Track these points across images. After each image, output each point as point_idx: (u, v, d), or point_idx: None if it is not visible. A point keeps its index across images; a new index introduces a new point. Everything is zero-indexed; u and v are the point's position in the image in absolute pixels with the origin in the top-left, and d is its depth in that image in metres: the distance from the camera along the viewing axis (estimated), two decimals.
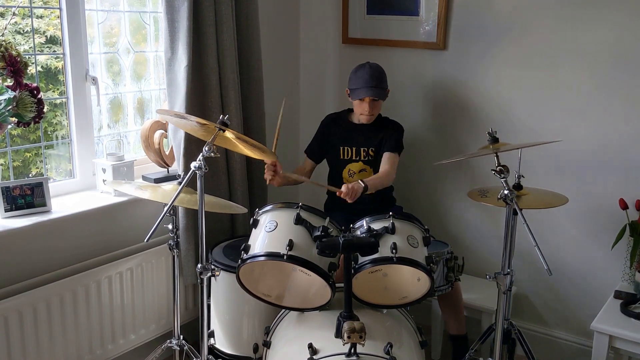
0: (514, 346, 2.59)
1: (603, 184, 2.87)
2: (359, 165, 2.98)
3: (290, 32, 3.63)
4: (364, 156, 2.97)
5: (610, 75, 2.78)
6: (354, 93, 2.87)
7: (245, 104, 3.09)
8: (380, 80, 2.88)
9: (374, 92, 2.84)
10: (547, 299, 3.12)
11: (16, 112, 2.06)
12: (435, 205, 3.36)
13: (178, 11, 2.71)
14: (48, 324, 2.43)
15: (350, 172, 2.98)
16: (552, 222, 3.00)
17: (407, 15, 3.25)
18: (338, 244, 1.94)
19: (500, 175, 2.19)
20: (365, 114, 2.89)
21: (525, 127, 3.01)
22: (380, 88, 2.87)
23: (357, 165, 2.98)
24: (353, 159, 2.98)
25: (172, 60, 2.77)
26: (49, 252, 2.49)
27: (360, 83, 2.85)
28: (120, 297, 2.70)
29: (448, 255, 2.62)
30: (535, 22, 2.91)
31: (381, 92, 2.87)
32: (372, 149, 2.96)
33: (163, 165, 2.93)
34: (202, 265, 2.21)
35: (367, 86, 2.84)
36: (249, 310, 2.65)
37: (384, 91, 2.90)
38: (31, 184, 2.47)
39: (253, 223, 2.22)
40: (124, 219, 2.75)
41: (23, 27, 2.55)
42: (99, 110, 2.85)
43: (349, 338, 1.83)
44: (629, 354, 2.57)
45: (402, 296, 2.24)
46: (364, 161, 2.97)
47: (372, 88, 2.83)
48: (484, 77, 3.10)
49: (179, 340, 2.61)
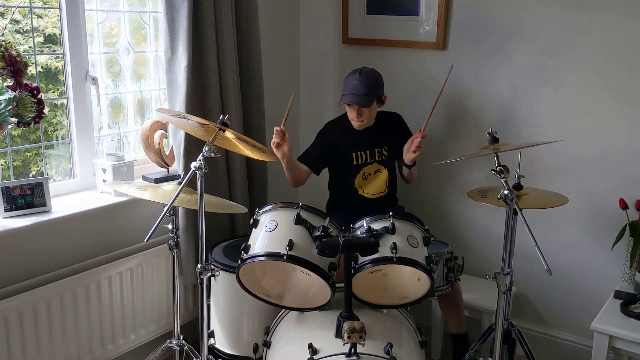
0: (514, 346, 2.59)
1: (603, 184, 2.87)
2: (374, 166, 2.96)
3: (290, 32, 3.63)
4: (378, 156, 2.95)
5: (610, 75, 2.78)
6: (342, 98, 2.85)
7: (245, 104, 3.09)
8: (371, 88, 2.80)
9: (357, 99, 2.77)
10: (547, 299, 3.12)
11: (16, 112, 2.06)
12: (435, 205, 3.36)
13: (178, 11, 2.71)
14: (48, 324, 2.43)
15: (365, 174, 2.96)
16: (552, 222, 3.00)
17: (407, 15, 3.25)
18: (338, 244, 1.94)
19: (500, 176, 2.19)
20: (354, 120, 2.85)
21: (525, 127, 3.01)
22: (369, 95, 2.79)
23: (372, 166, 2.96)
24: (368, 161, 2.95)
25: (172, 60, 2.77)
26: (49, 252, 2.49)
27: (347, 89, 2.82)
28: (120, 297, 2.70)
29: (448, 255, 2.62)
30: (535, 22, 2.92)
31: (367, 99, 2.78)
32: (385, 148, 2.95)
33: (163, 165, 2.93)
34: (202, 265, 2.21)
35: (352, 93, 2.79)
36: (249, 310, 2.65)
37: (372, 98, 2.81)
38: (31, 184, 2.47)
39: (253, 223, 2.22)
40: (124, 219, 2.75)
41: (23, 26, 2.55)
42: (99, 110, 2.85)
43: (349, 338, 1.83)
44: (629, 354, 2.57)
45: (402, 296, 2.24)
46: (378, 162, 2.96)
47: (358, 95, 2.77)
48: (484, 77, 3.10)
49: (179, 340, 2.61)
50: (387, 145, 2.96)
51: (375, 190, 2.97)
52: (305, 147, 3.06)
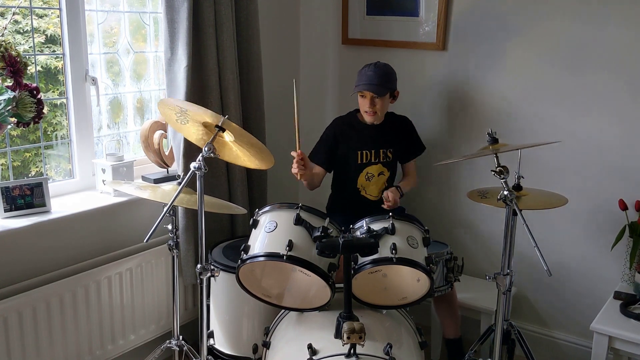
0: (513, 347, 2.59)
1: (603, 185, 2.87)
2: (378, 167, 2.96)
3: (290, 32, 3.63)
4: (383, 157, 2.95)
5: (610, 75, 2.78)
6: (355, 87, 2.87)
7: (245, 104, 3.09)
8: (384, 80, 2.83)
9: (372, 87, 2.81)
10: (546, 299, 3.12)
11: (16, 112, 2.05)
12: (435, 205, 3.36)
13: (178, 12, 2.71)
14: (48, 324, 2.43)
15: (368, 175, 2.95)
16: (552, 223, 3.00)
17: (407, 16, 3.25)
18: (338, 245, 1.94)
19: (500, 176, 2.19)
20: (367, 110, 2.86)
21: (524, 128, 3.01)
22: (382, 86, 2.82)
23: (376, 167, 2.96)
24: (372, 161, 2.95)
25: (172, 61, 2.77)
26: (48, 252, 2.49)
27: (362, 80, 2.85)
28: (119, 297, 2.70)
29: (448, 256, 2.62)
30: (535, 23, 2.92)
31: (381, 89, 2.82)
32: (390, 150, 2.96)
33: (163, 165, 2.93)
34: (201, 265, 2.20)
35: (367, 82, 2.82)
36: (249, 310, 2.65)
37: (386, 89, 2.84)
38: (31, 184, 2.47)
39: (253, 223, 2.22)
40: (123, 219, 2.75)
41: (23, 26, 2.55)
42: (98, 110, 2.85)
43: (349, 338, 1.83)
44: (629, 354, 2.57)
45: (402, 297, 2.24)
46: (382, 163, 2.96)
47: (373, 85, 2.81)
48: (484, 78, 3.10)
49: (178, 341, 2.61)
50: (393, 147, 2.97)
51: (377, 192, 2.97)
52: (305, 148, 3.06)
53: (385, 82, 2.84)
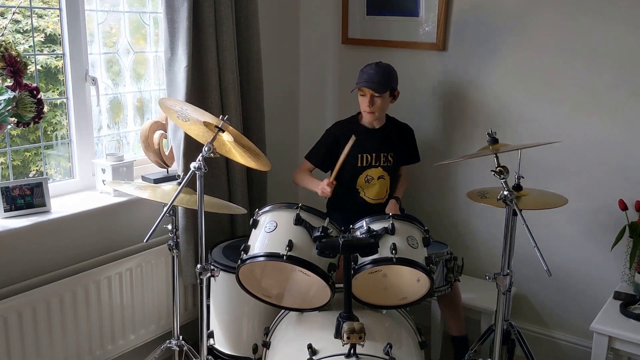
0: (513, 347, 2.60)
1: (603, 185, 2.87)
2: (378, 171, 2.96)
3: (290, 32, 3.63)
4: (384, 161, 2.96)
5: (610, 75, 2.78)
6: (356, 84, 2.87)
7: (245, 104, 3.09)
8: (385, 78, 2.84)
9: (372, 85, 2.80)
10: (546, 299, 3.12)
11: (16, 112, 2.05)
12: (435, 205, 3.36)
13: (178, 11, 2.71)
14: (48, 324, 2.43)
15: (368, 178, 2.96)
16: (551, 223, 3.00)
17: (407, 16, 3.25)
18: (338, 245, 1.94)
19: (500, 176, 2.19)
20: (367, 109, 2.86)
21: (525, 128, 3.01)
22: (382, 84, 2.82)
23: (376, 171, 2.96)
24: (373, 164, 2.95)
25: (172, 61, 2.77)
26: (48, 252, 2.49)
27: (363, 77, 2.85)
28: (119, 297, 2.70)
29: (448, 256, 2.62)
30: (535, 23, 2.92)
31: (380, 87, 2.81)
32: (391, 154, 2.97)
33: (163, 165, 2.93)
34: (201, 265, 2.21)
35: (367, 80, 2.82)
36: (249, 310, 2.65)
37: (386, 87, 2.84)
38: (31, 184, 2.47)
39: (253, 223, 2.22)
40: (123, 219, 2.75)
41: (23, 26, 2.55)
42: (98, 110, 2.85)
43: (349, 339, 1.83)
44: (629, 354, 2.57)
45: (402, 297, 2.24)
46: (383, 167, 2.96)
47: (373, 82, 2.81)
48: (484, 78, 3.10)
49: (178, 341, 2.61)
50: (394, 152, 2.97)
51: (376, 195, 2.97)
52: (305, 148, 3.07)
53: (385, 80, 2.84)
